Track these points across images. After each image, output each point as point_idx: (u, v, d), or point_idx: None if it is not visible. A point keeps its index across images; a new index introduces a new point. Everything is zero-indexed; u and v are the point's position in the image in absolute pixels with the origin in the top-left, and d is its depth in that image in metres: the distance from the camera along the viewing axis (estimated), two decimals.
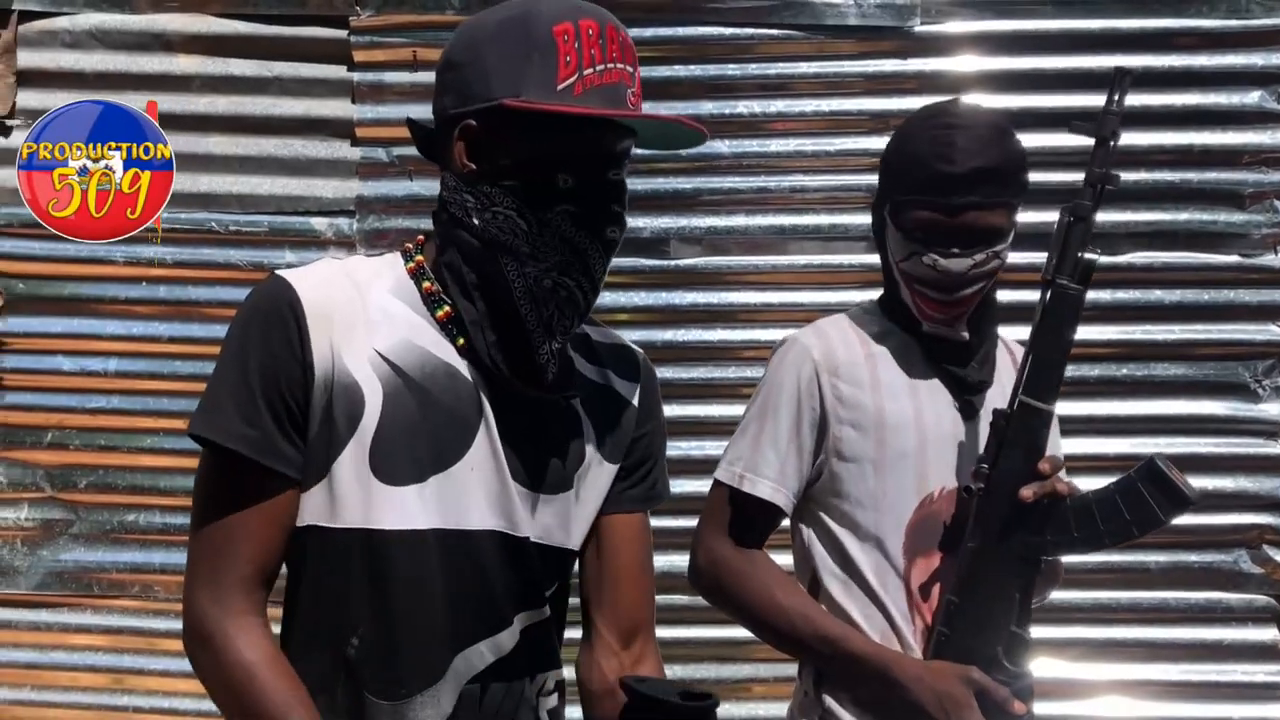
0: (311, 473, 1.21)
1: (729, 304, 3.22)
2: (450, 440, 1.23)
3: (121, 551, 3.28)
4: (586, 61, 1.19)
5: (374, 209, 3.24)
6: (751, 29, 3.19)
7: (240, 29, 3.24)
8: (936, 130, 1.60)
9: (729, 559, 1.68)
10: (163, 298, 3.26)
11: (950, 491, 1.66)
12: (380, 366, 1.22)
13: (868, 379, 1.68)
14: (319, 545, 1.22)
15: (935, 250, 1.60)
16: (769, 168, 3.20)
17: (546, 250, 1.22)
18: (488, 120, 1.21)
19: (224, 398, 1.19)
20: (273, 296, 1.20)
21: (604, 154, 1.23)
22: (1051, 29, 3.16)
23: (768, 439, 1.68)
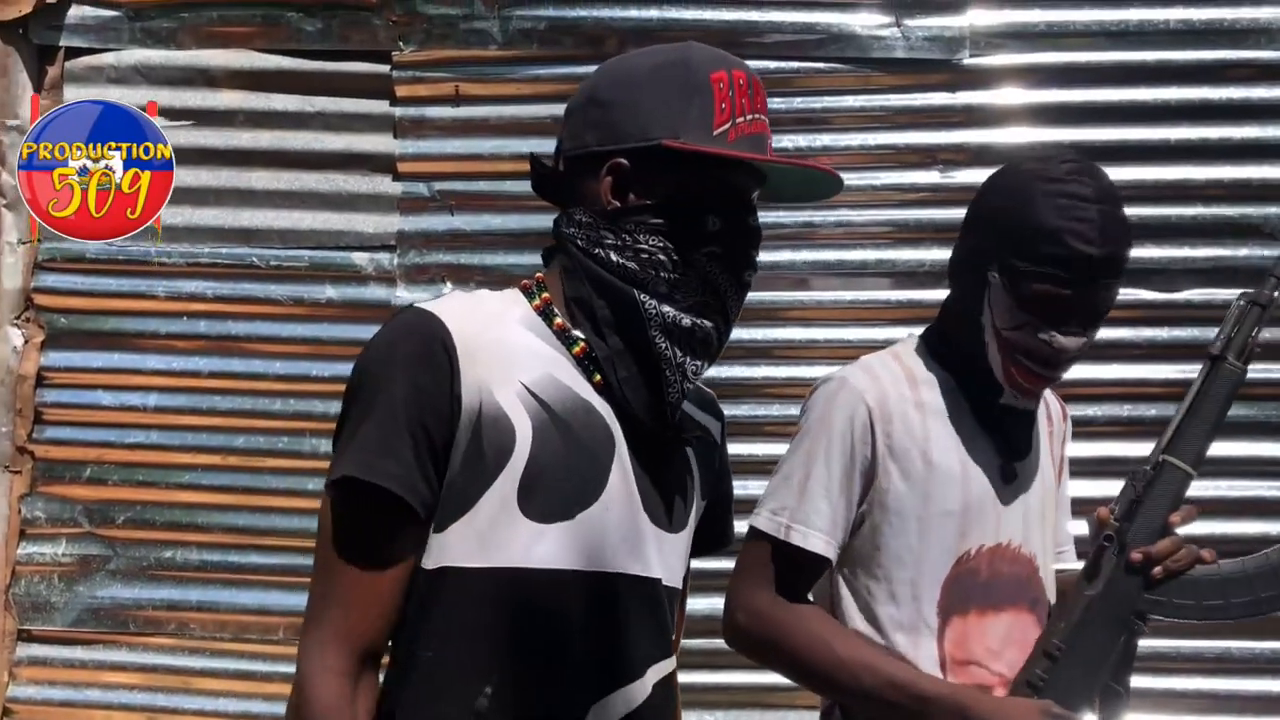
0: (450, 511, 1.18)
1: (773, 340, 3.20)
2: (590, 479, 1.22)
3: (158, 588, 3.29)
4: (739, 110, 1.23)
5: (415, 244, 3.25)
6: (796, 62, 3.19)
7: (283, 64, 3.29)
8: (1070, 201, 1.53)
9: (777, 615, 1.60)
10: (203, 332, 3.29)
11: (989, 550, 1.62)
12: (528, 401, 1.20)
13: (918, 429, 1.62)
14: (454, 587, 1.17)
15: (1055, 327, 1.55)
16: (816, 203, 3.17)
17: (687, 290, 1.23)
18: (641, 159, 1.23)
19: (367, 433, 1.16)
20: (420, 329, 1.18)
21: (747, 200, 1.27)
22: (1104, 61, 3.15)
23: (818, 486, 1.60)
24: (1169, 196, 3.12)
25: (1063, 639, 1.56)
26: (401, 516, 1.16)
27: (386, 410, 1.15)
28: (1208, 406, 1.57)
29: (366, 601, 1.16)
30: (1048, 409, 1.75)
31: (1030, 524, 1.66)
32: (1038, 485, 1.68)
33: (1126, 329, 3.10)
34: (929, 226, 3.14)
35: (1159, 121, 3.13)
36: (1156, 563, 1.53)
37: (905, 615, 1.60)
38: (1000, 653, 1.60)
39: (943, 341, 1.69)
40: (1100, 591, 1.56)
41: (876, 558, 1.62)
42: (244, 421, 3.27)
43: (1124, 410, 3.10)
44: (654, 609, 1.25)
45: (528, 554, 1.17)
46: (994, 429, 1.64)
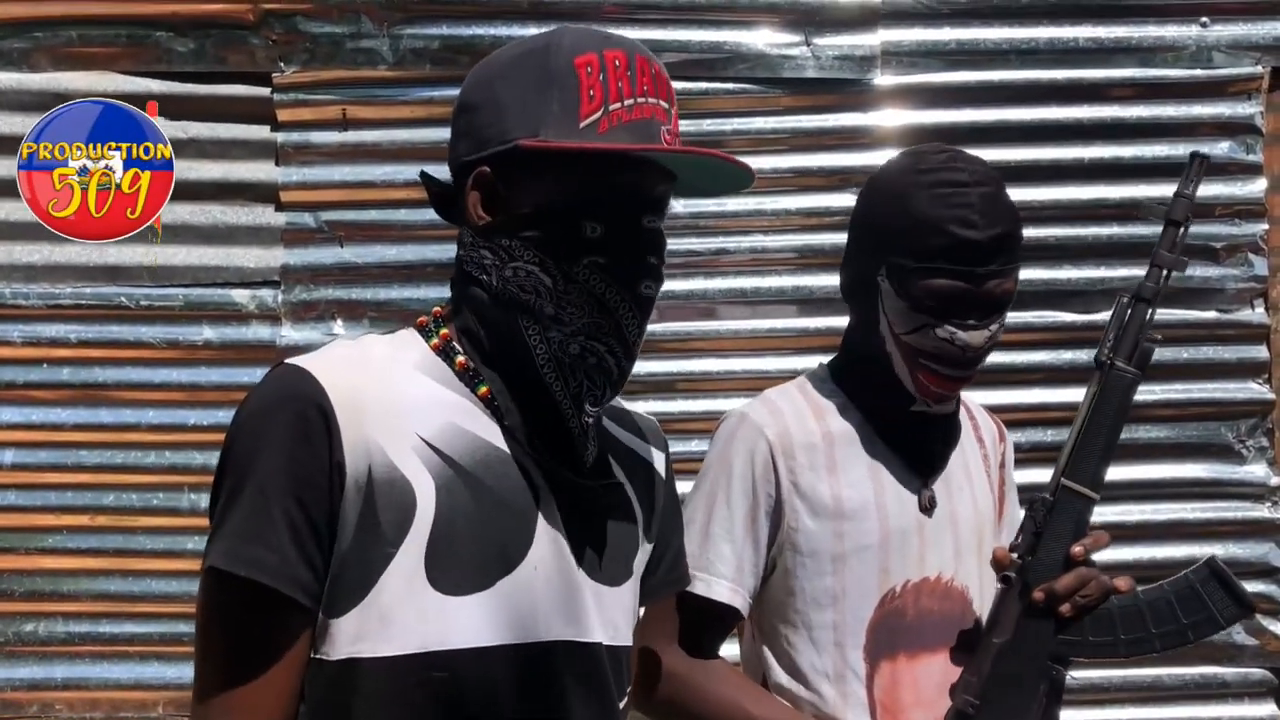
0: (346, 594, 1.06)
1: (688, 372, 3.14)
2: (512, 536, 1.12)
3: (18, 666, 3.10)
4: (613, 95, 1.11)
5: (301, 279, 3.13)
6: (704, 82, 3.15)
7: (152, 87, 3.13)
8: (947, 189, 1.50)
9: (684, 674, 1.55)
10: (66, 380, 3.13)
11: (915, 585, 1.57)
12: (428, 456, 1.09)
13: (824, 461, 1.57)
14: (363, 680, 1.06)
15: (952, 322, 1.51)
16: (727, 228, 3.15)
17: (573, 311, 1.12)
18: (504, 165, 1.12)
19: (232, 515, 1.06)
20: (290, 391, 1.07)
21: (636, 198, 1.13)
22: (1017, 79, 3.17)
23: (720, 531, 1.56)
24: (1084, 216, 3.15)
25: (975, 695, 1.50)
26: (281, 607, 1.05)
27: (255, 490, 1.05)
28: (1101, 420, 1.50)
29: (258, 700, 1.06)
30: (978, 430, 1.71)
31: (963, 555, 1.61)
32: (968, 512, 1.63)
33: (1045, 352, 3.13)
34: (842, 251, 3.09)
35: (1073, 140, 3.16)
36: (1063, 599, 1.47)
37: (829, 663, 1.55)
38: (935, 700, 1.54)
39: (847, 366, 1.66)
40: (1009, 639, 1.50)
41: (792, 603, 1.57)
42: (114, 477, 3.11)
43: (1048, 435, 3.10)
44: (597, 676, 1.16)
45: (444, 634, 1.07)
46: (909, 453, 1.60)
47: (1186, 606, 1.51)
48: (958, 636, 1.57)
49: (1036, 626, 1.49)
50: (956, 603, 1.60)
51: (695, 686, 1.54)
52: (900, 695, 1.54)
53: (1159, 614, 1.50)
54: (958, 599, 1.60)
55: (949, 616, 1.59)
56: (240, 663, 1.06)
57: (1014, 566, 1.50)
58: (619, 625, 1.20)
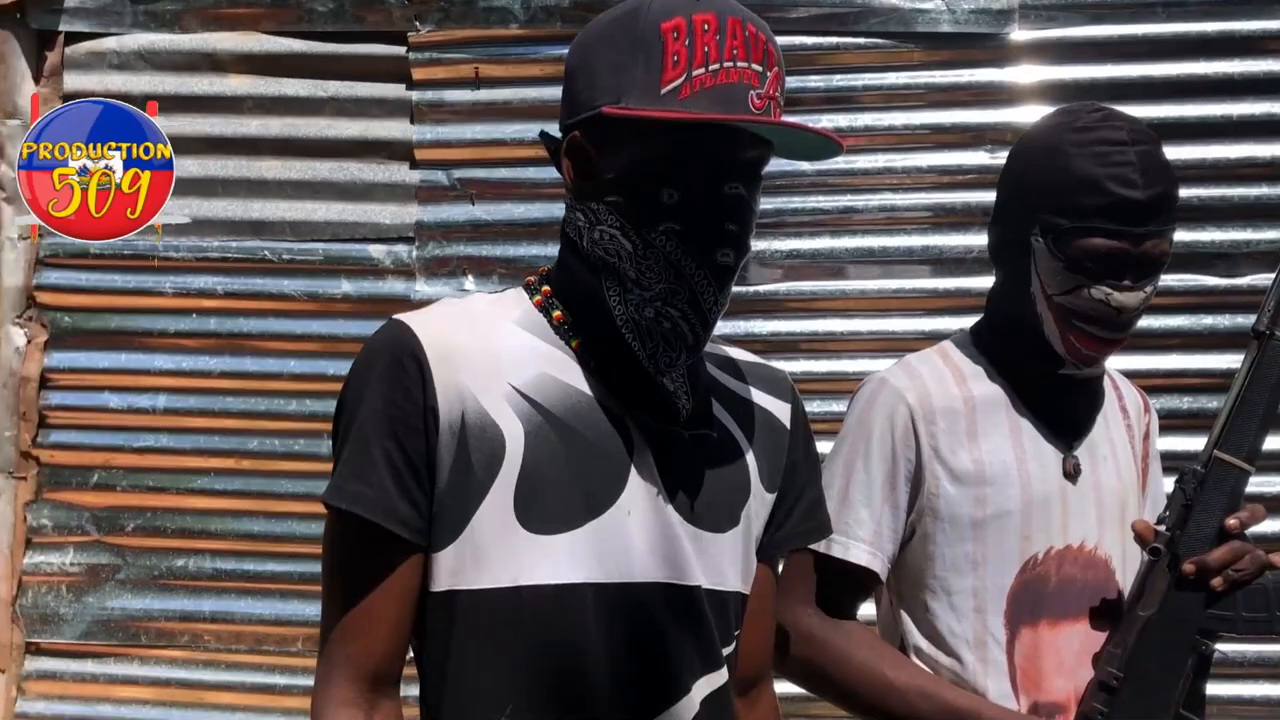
0: (446, 530, 1.14)
1: (812, 332, 3.14)
2: (603, 482, 1.15)
3: (170, 599, 3.27)
4: (699, 60, 1.10)
5: (434, 235, 3.21)
6: (835, 38, 3.13)
7: (294, 47, 3.24)
8: (1105, 147, 1.48)
9: (822, 637, 1.54)
10: (213, 330, 3.27)
11: (1058, 553, 1.55)
12: (519, 404, 1.15)
13: (965, 427, 1.56)
14: (460, 611, 1.14)
15: (1108, 283, 1.49)
16: (855, 186, 3.12)
17: (651, 276, 1.14)
18: (593, 130, 1.15)
19: (341, 456, 1.15)
20: (389, 341, 1.14)
21: (716, 164, 1.13)
22: (1161, 33, 3.07)
23: (859, 495, 1.56)
24: (1231, 176, 3.04)
25: (1119, 667, 1.48)
26: (383, 539, 1.12)
27: (358, 432, 1.13)
28: (1259, 391, 1.46)
29: (367, 627, 1.14)
30: (1122, 401, 1.69)
31: (1106, 523, 1.59)
32: (1112, 480, 1.61)
33: (1186, 317, 3.05)
34: (976, 210, 3.06)
35: (1220, 97, 3.05)
36: (1215, 573, 1.44)
37: (969, 629, 1.54)
38: (1077, 668, 1.53)
39: (991, 329, 1.65)
40: (1155, 612, 1.47)
41: (931, 568, 1.56)
42: (257, 423, 3.24)
43: (1184, 403, 3.04)
44: (696, 618, 1.18)
45: (532, 570, 1.13)
46: (1054, 418, 1.58)
47: None
48: (1100, 606, 1.55)
49: (1185, 600, 1.46)
50: (1100, 571, 1.57)
51: (833, 649, 1.53)
52: (1041, 663, 1.53)
53: None
54: (1101, 568, 1.57)
55: (1091, 585, 1.56)
56: (350, 591, 1.14)
57: (1163, 539, 1.47)
58: (724, 571, 1.22)
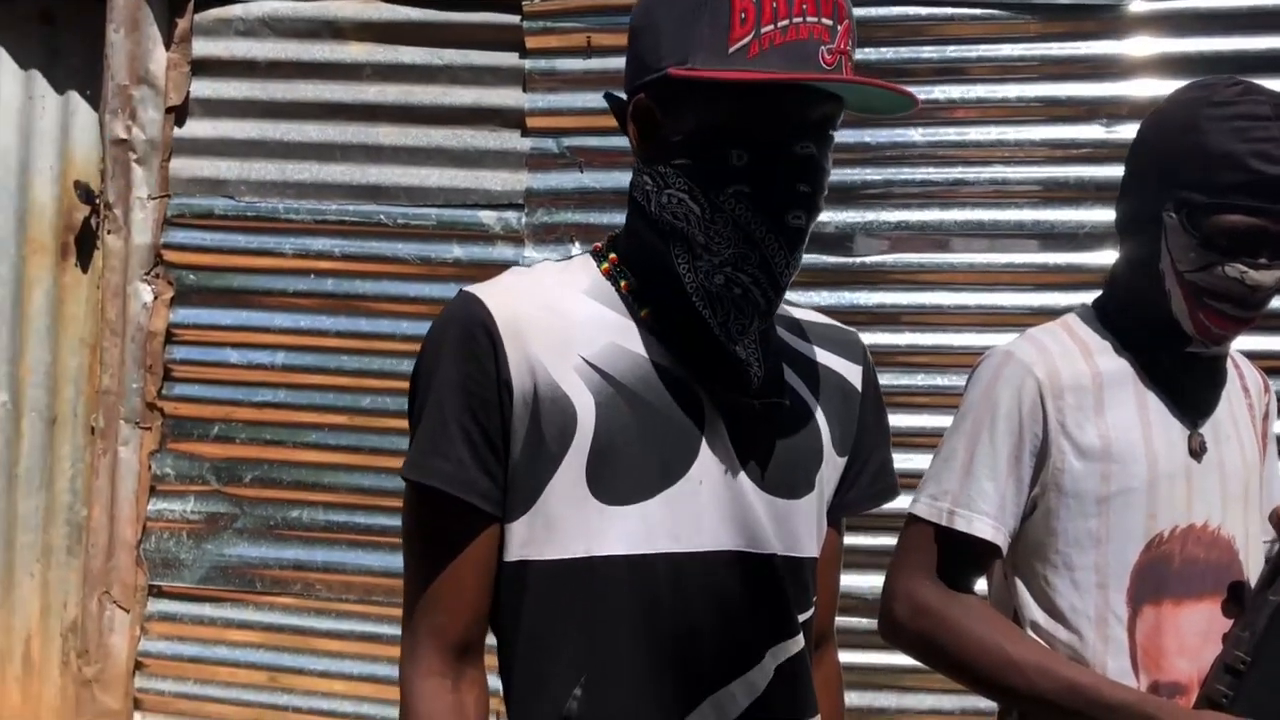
0: (518, 501, 1.13)
1: (919, 305, 3.12)
2: (674, 451, 1.14)
3: (284, 548, 3.38)
4: (767, 16, 1.06)
5: (543, 202, 3.24)
6: (948, 8, 3.08)
7: (412, 15, 3.30)
8: (1246, 122, 1.45)
9: (940, 609, 1.52)
10: (330, 291, 3.35)
11: (1182, 531, 1.52)
12: (589, 375, 1.14)
13: (1092, 402, 1.53)
14: (532, 582, 1.14)
15: (1243, 260, 1.46)
16: (966, 158, 3.08)
17: (721, 240, 1.12)
18: (659, 92, 1.12)
19: (418, 430, 1.14)
20: (461, 315, 1.14)
21: (787, 124, 1.09)
22: None
23: (983, 468, 1.53)
24: None
25: (1247, 651, 1.45)
26: (461, 511, 1.13)
27: (434, 406, 1.13)
28: None
29: (449, 598, 1.14)
30: (1243, 380, 1.66)
31: (1230, 503, 1.56)
32: (1236, 460, 1.58)
33: None
34: (1090, 185, 3.02)
35: None
36: None
37: (1090, 605, 1.52)
38: (1199, 649, 1.51)
39: (1116, 305, 1.62)
40: None
41: (1053, 543, 1.54)
42: (370, 382, 3.32)
43: None
44: (771, 586, 1.18)
45: (605, 540, 1.12)
46: (1179, 396, 1.56)
47: None
48: (1227, 588, 1.53)
49: None
50: (1224, 552, 1.55)
51: (952, 622, 1.51)
52: (1163, 642, 1.51)
53: None
54: (1225, 548, 1.55)
55: (1216, 565, 1.54)
56: (432, 563, 1.14)
57: None
58: (799, 537, 1.21)
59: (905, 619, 1.55)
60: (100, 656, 3.42)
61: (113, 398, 3.43)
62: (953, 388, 2.94)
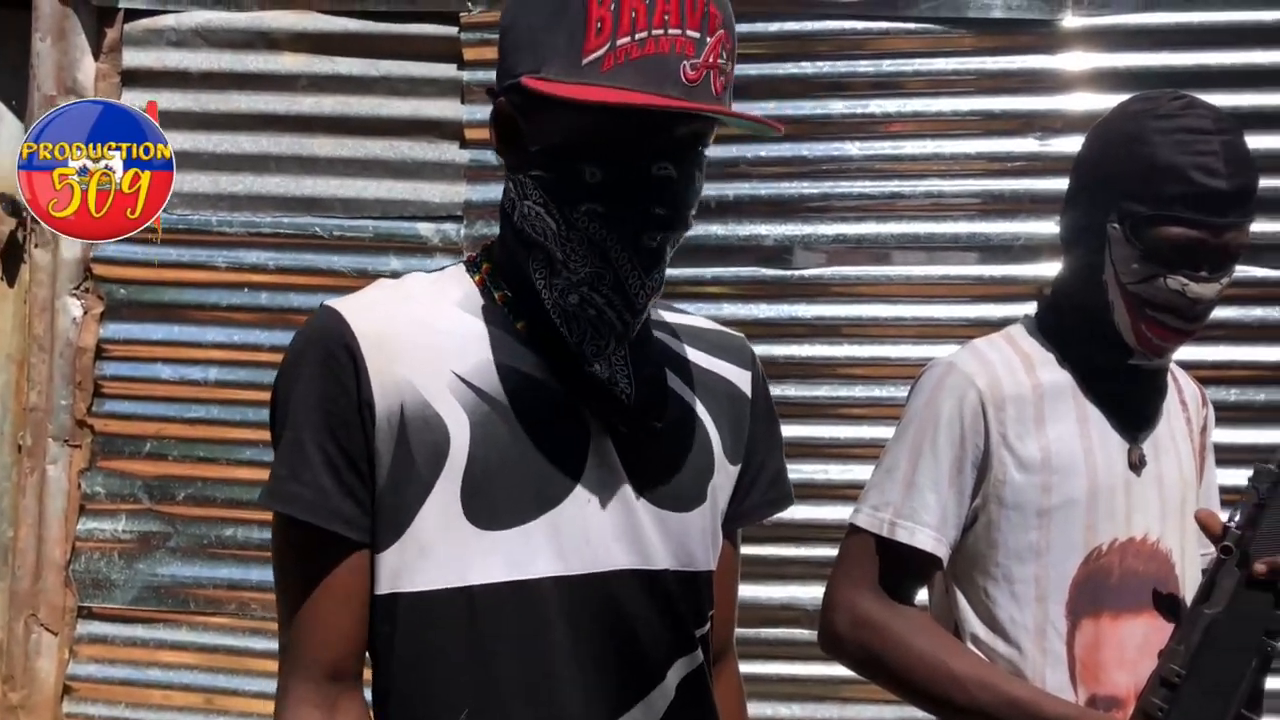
0: (388, 530, 1.07)
1: (858, 317, 3.13)
2: (557, 470, 1.09)
3: (219, 567, 3.31)
4: (624, 27, 0.99)
5: (482, 214, 3.22)
6: (884, 22, 3.10)
7: (348, 26, 3.26)
8: (1189, 135, 1.46)
9: (881, 621, 1.52)
10: (265, 305, 3.30)
11: (1121, 544, 1.53)
12: (463, 392, 1.08)
13: (1033, 414, 1.54)
14: (404, 614, 1.08)
15: (1184, 273, 1.47)
16: (903, 171, 3.10)
17: (576, 258, 1.06)
18: (517, 98, 1.05)
19: (277, 454, 1.08)
20: (319, 331, 1.08)
21: (644, 144, 1.03)
22: (1217, 21, 3.03)
23: (925, 479, 1.53)
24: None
25: (1182, 664, 1.45)
26: (328, 541, 1.07)
27: (293, 428, 1.07)
28: None
29: (320, 629, 1.08)
30: (1182, 394, 1.67)
31: (1168, 516, 1.57)
32: (1174, 473, 1.59)
33: (1235, 308, 3.00)
34: (1025, 198, 3.05)
35: (1274, 86, 3.01)
36: None
37: (1030, 618, 1.52)
38: (1137, 662, 1.51)
39: (1058, 317, 1.62)
40: (1222, 611, 1.45)
41: (994, 556, 1.54)
42: None
43: (1231, 395, 3.00)
44: (665, 602, 1.14)
45: (483, 567, 1.07)
46: (1120, 408, 1.57)
47: None
48: (1162, 600, 1.54)
49: (1254, 599, 1.44)
50: (1161, 565, 1.56)
51: (893, 635, 1.51)
52: (1102, 655, 1.51)
53: None
54: (1162, 561, 1.56)
55: (1154, 578, 1.55)
56: (300, 592, 1.08)
57: (1233, 537, 1.45)
58: (693, 551, 1.17)
59: (846, 631, 1.54)
60: (27, 681, 3.32)
61: (41, 415, 3.34)
62: (892, 399, 2.97)
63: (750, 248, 3.14)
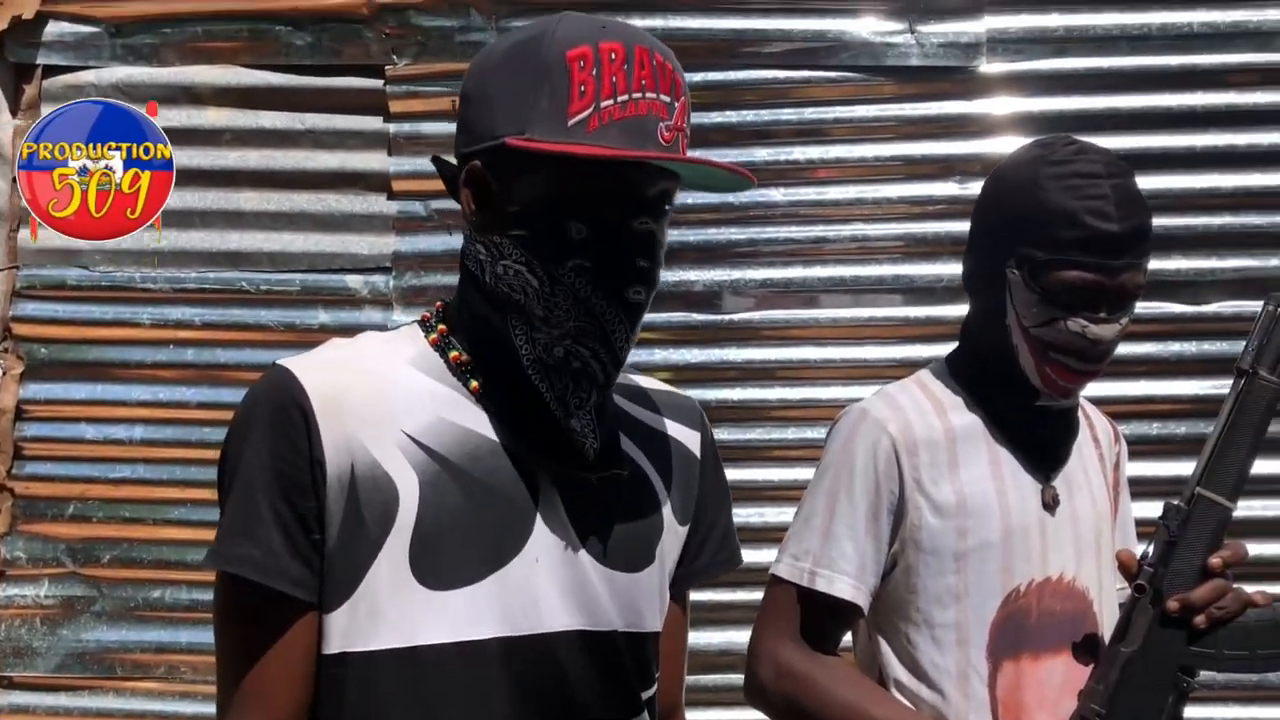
0: (337, 590, 1.08)
1: (788, 360, 3.16)
2: (507, 530, 1.10)
3: (146, 630, 3.23)
4: (606, 91, 1.05)
5: (411, 265, 3.21)
6: (806, 70, 3.16)
7: (272, 80, 3.25)
8: (1081, 180, 1.49)
9: (804, 671, 1.52)
10: (191, 361, 3.25)
11: (1038, 584, 1.55)
12: (413, 452, 1.09)
13: (946, 458, 1.56)
14: (352, 675, 1.07)
15: (1084, 315, 1.50)
16: (828, 216, 3.15)
17: (559, 313, 1.09)
18: (495, 160, 1.09)
19: (226, 515, 1.09)
20: (272, 390, 1.08)
21: (627, 199, 1.08)
22: (1126, 66, 3.12)
23: (842, 527, 1.54)
24: (1195, 206, 3.09)
25: (1101, 703, 1.47)
26: (274, 601, 1.06)
27: (243, 487, 1.07)
28: (1242, 429, 1.46)
29: (265, 693, 1.08)
30: (1094, 431, 1.69)
31: (1083, 554, 1.59)
32: (1088, 511, 1.61)
33: (1154, 344, 3.08)
34: (946, 240, 3.10)
35: (1184, 128, 3.10)
36: (1198, 611, 1.43)
37: (951, 662, 1.53)
38: (1057, 702, 1.52)
39: (967, 360, 1.64)
40: (1138, 648, 1.46)
41: (914, 601, 1.55)
42: None
43: (1153, 429, 3.07)
44: (613, 664, 1.15)
45: (431, 628, 1.07)
46: (1031, 449, 1.58)
47: None
48: (1080, 639, 1.55)
49: (1168, 636, 1.45)
50: (1078, 603, 1.57)
51: (816, 684, 1.51)
52: (1023, 696, 1.51)
53: None
54: (1079, 599, 1.57)
55: (1071, 617, 1.56)
56: (245, 655, 1.08)
57: (1146, 575, 1.46)
58: (641, 612, 1.18)
59: (769, 681, 1.54)
60: None
61: None
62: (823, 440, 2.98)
63: (680, 294, 3.16)
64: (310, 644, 1.08)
